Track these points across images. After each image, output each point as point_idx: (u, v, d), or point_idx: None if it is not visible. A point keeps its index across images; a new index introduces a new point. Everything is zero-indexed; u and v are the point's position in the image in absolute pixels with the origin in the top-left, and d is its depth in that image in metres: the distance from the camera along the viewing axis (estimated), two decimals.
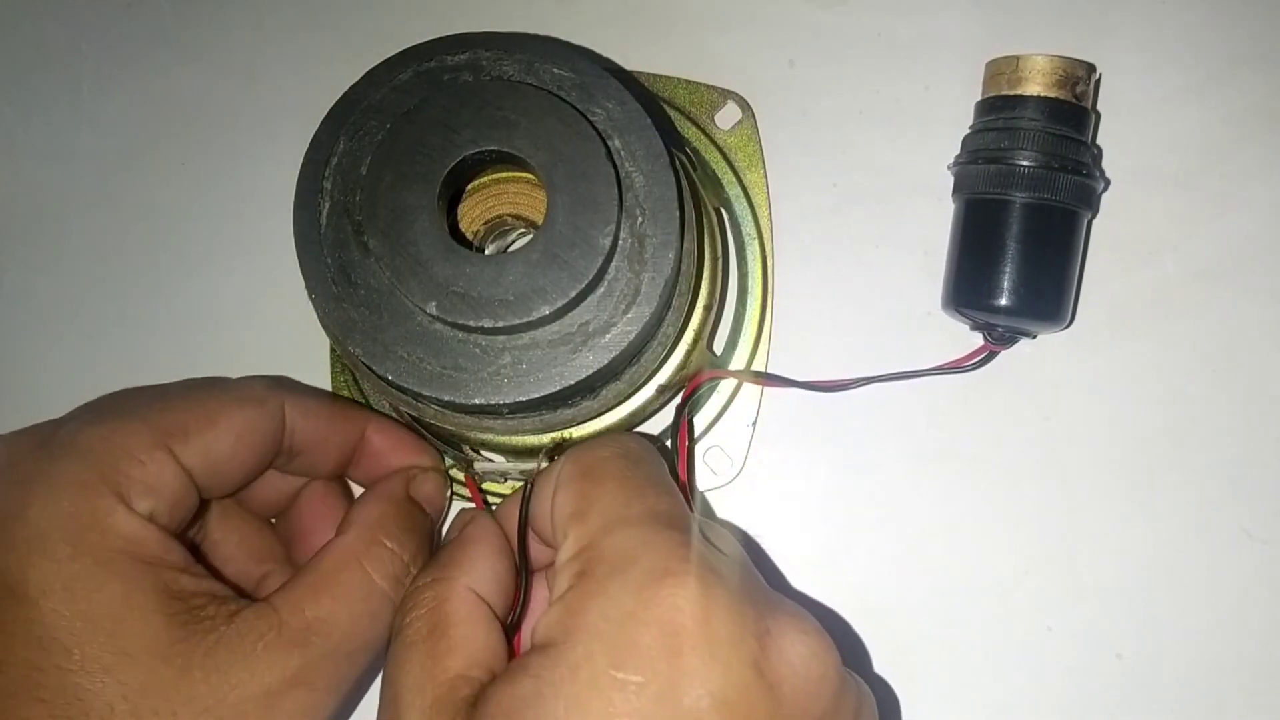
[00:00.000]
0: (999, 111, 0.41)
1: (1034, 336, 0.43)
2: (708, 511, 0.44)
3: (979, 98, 0.42)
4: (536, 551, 0.36)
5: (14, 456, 0.33)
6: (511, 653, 0.33)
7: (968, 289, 0.41)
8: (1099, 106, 0.44)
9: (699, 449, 0.44)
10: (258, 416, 0.36)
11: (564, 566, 0.31)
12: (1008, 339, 0.42)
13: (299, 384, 0.40)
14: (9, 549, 0.31)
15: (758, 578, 0.32)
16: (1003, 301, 0.40)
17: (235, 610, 0.33)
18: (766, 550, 0.44)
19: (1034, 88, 0.40)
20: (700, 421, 0.44)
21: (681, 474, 0.39)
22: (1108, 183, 0.43)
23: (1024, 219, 0.40)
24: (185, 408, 0.35)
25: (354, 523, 0.37)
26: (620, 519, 0.31)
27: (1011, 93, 0.41)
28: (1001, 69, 0.41)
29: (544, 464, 0.37)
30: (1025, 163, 0.40)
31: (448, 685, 0.31)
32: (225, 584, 0.34)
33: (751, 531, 0.44)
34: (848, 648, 0.41)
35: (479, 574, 0.34)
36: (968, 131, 0.42)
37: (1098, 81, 0.43)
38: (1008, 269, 0.40)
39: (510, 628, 0.34)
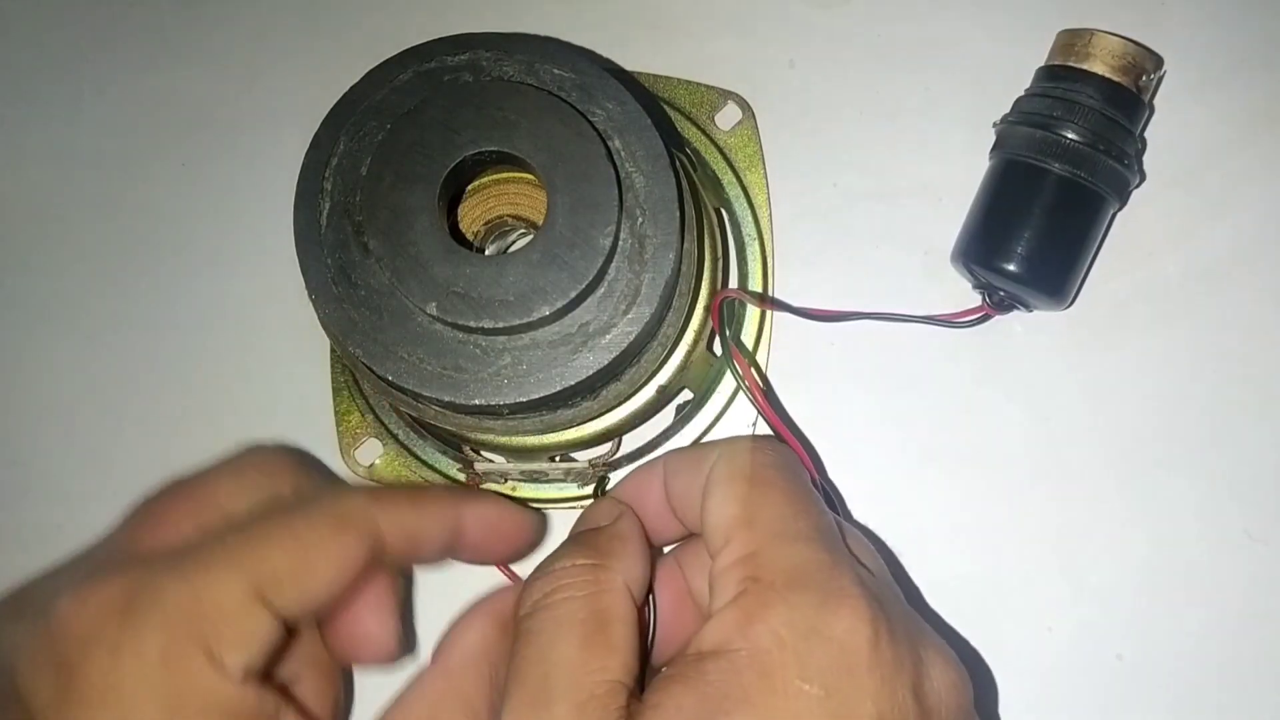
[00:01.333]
0: (1059, 81, 0.41)
1: (1030, 310, 0.43)
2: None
3: (1042, 64, 0.42)
4: (663, 526, 0.36)
5: (98, 619, 0.30)
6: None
7: (981, 246, 0.41)
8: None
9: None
10: (356, 547, 0.34)
11: (728, 570, 0.31)
12: (1005, 305, 0.42)
13: (388, 490, 0.38)
14: None
15: (904, 602, 0.33)
16: (1012, 266, 0.40)
17: None
18: None
19: (1100, 66, 0.40)
20: (700, 421, 0.44)
21: (762, 406, 0.39)
22: (1143, 178, 0.43)
23: (1055, 191, 0.40)
24: (278, 546, 0.33)
25: (445, 653, 0.35)
26: (791, 533, 0.31)
27: (1077, 65, 0.41)
28: (1073, 40, 0.41)
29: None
30: (1072, 136, 0.39)
31: (606, 688, 0.29)
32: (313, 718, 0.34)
33: None
34: None
35: (634, 574, 0.33)
36: (1022, 95, 0.42)
37: (1161, 78, 0.43)
38: (1026, 235, 0.40)
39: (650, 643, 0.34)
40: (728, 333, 0.40)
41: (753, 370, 0.43)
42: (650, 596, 0.34)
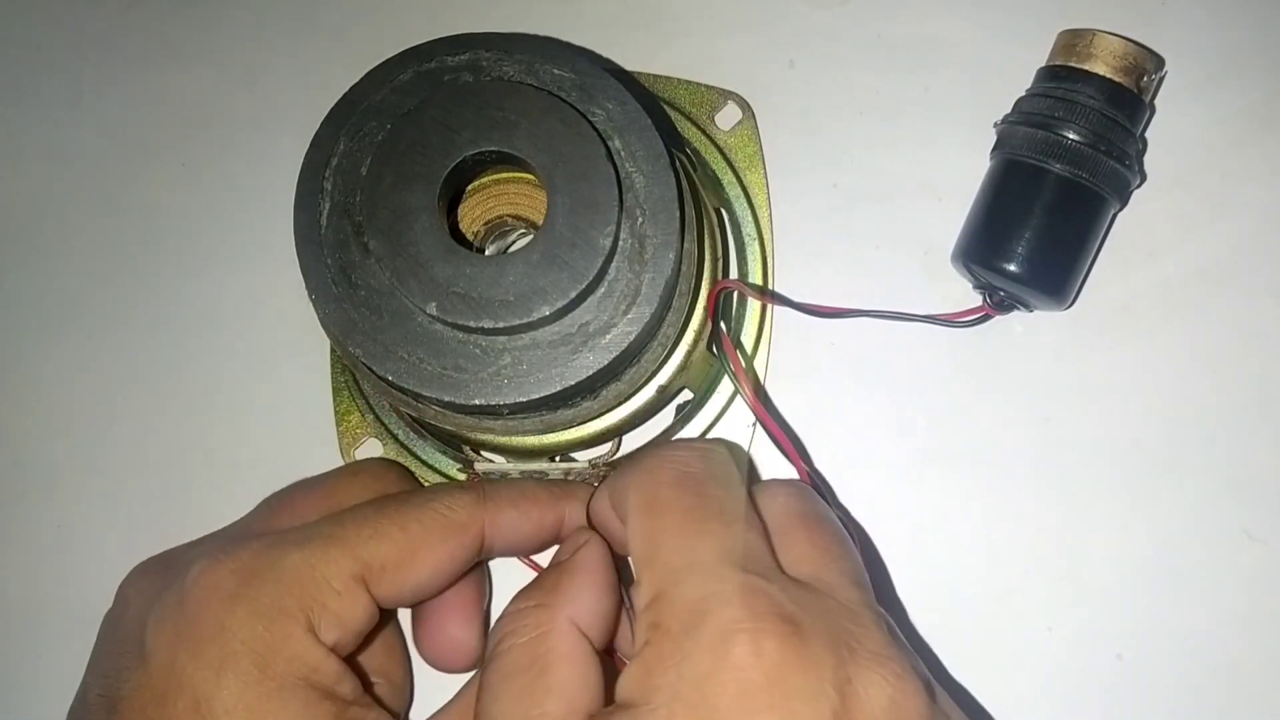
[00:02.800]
0: (1060, 81, 0.41)
1: (1030, 310, 0.43)
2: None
3: (1043, 64, 0.42)
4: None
5: (222, 579, 0.33)
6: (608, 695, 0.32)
7: (981, 246, 0.41)
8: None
9: None
10: (459, 547, 0.36)
11: (640, 616, 0.30)
12: (1006, 306, 0.42)
13: (500, 488, 0.38)
14: (205, 665, 0.32)
15: (852, 605, 0.31)
16: (1012, 267, 0.40)
17: None
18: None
19: (1101, 67, 0.40)
20: (700, 422, 0.44)
21: (750, 397, 0.39)
22: (1143, 179, 0.43)
23: (1056, 191, 0.40)
24: (386, 537, 0.35)
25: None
26: (687, 565, 0.30)
27: (1078, 66, 0.41)
28: (1073, 41, 0.41)
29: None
30: (1072, 137, 0.39)
31: None
32: (385, 710, 0.35)
33: None
34: None
35: (584, 606, 0.33)
36: (1023, 95, 0.42)
37: (1162, 79, 0.43)
38: (1026, 235, 0.40)
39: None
40: (722, 326, 0.40)
41: (742, 361, 0.43)
42: (628, 610, 0.35)
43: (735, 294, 0.44)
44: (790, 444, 0.38)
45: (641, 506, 0.32)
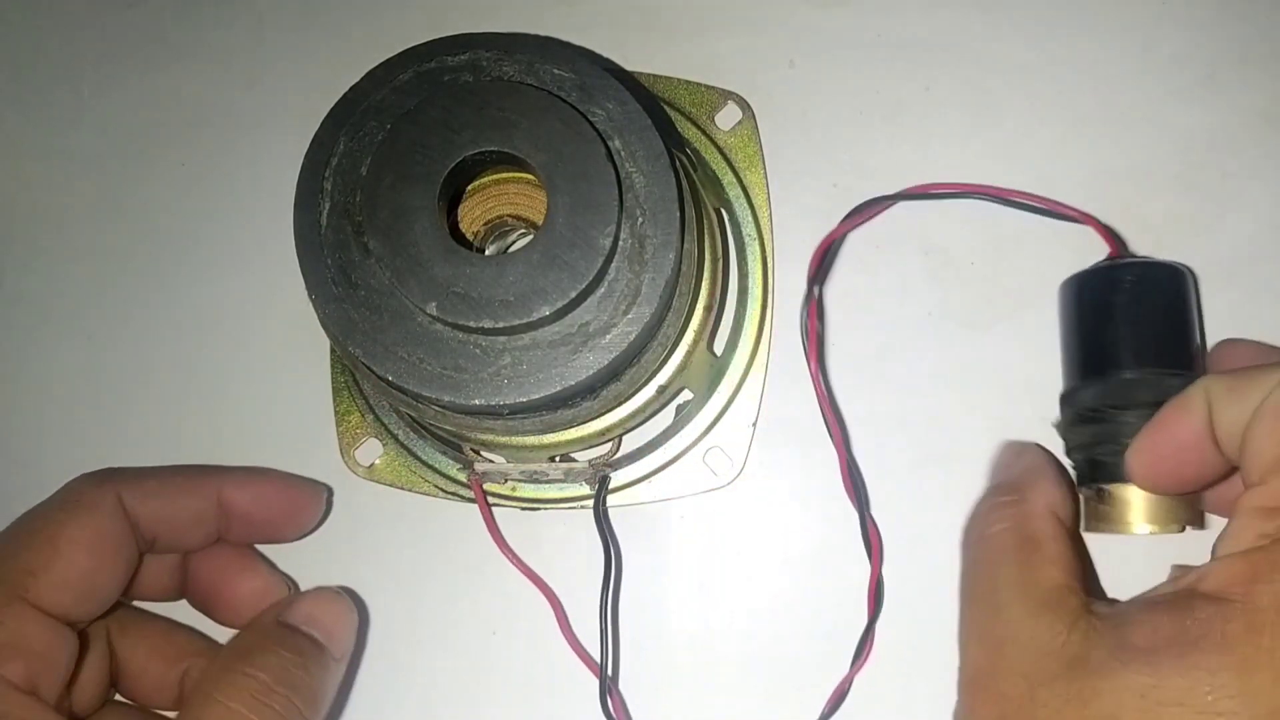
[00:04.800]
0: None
1: None
2: None
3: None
4: (1195, 459, 0.34)
5: None
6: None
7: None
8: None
9: (698, 449, 0.44)
10: (97, 521, 0.36)
11: (1251, 514, 0.31)
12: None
13: (130, 470, 0.40)
14: None
15: None
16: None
17: None
18: (765, 550, 0.44)
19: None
20: (700, 422, 0.44)
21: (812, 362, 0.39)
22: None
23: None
24: (20, 545, 0.35)
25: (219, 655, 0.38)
26: None
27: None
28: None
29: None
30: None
31: (1055, 591, 0.33)
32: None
33: (752, 532, 0.44)
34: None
35: (1055, 496, 0.36)
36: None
37: None
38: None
39: None
40: (815, 290, 0.40)
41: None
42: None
43: (736, 291, 0.44)
44: (839, 430, 0.39)
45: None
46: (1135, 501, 0.37)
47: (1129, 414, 0.37)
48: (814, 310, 0.40)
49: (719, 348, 0.44)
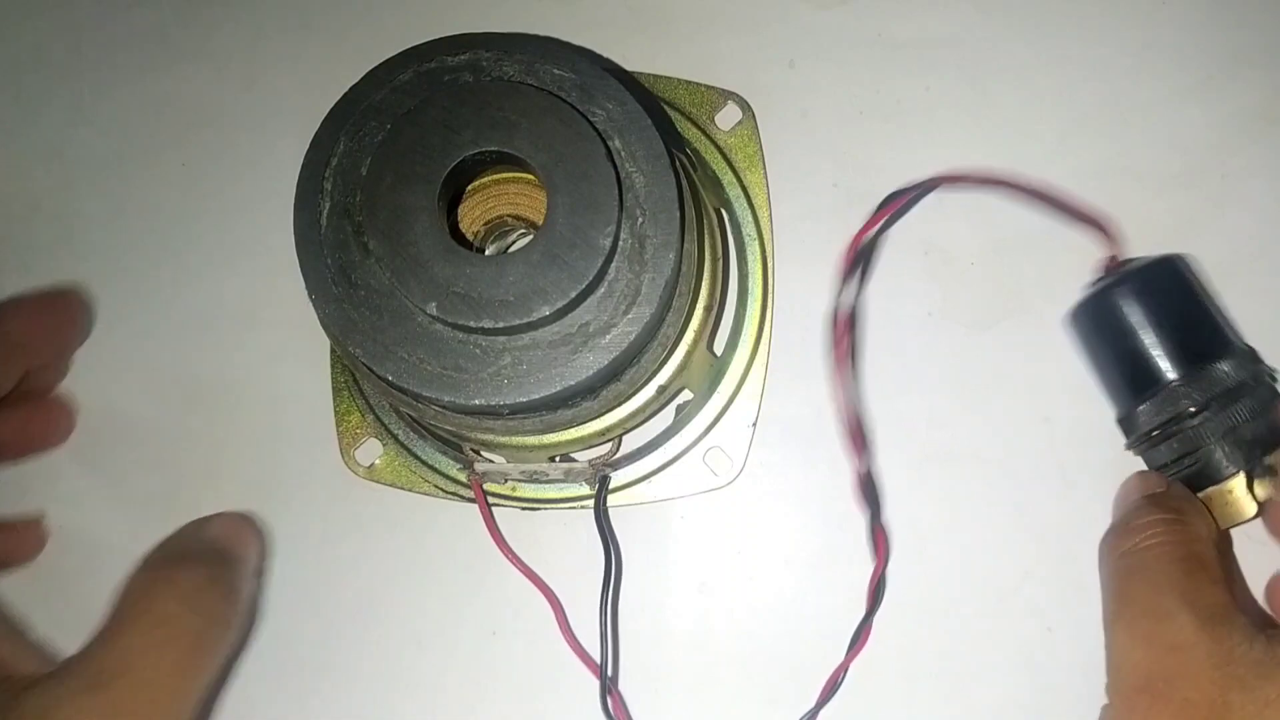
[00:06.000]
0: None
1: None
2: None
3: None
4: None
5: None
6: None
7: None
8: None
9: (698, 449, 0.44)
10: None
11: None
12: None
13: None
14: None
15: None
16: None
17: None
18: (764, 550, 0.44)
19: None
20: (700, 422, 0.44)
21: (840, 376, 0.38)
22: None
23: None
24: None
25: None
26: None
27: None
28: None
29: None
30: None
31: (1223, 608, 0.33)
32: None
33: (752, 532, 0.44)
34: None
35: (1205, 525, 0.37)
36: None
37: None
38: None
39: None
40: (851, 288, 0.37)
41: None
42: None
43: (736, 291, 0.44)
44: (859, 433, 0.38)
45: None
46: None
47: (1195, 420, 0.38)
48: (846, 320, 0.37)
49: (719, 348, 0.44)
